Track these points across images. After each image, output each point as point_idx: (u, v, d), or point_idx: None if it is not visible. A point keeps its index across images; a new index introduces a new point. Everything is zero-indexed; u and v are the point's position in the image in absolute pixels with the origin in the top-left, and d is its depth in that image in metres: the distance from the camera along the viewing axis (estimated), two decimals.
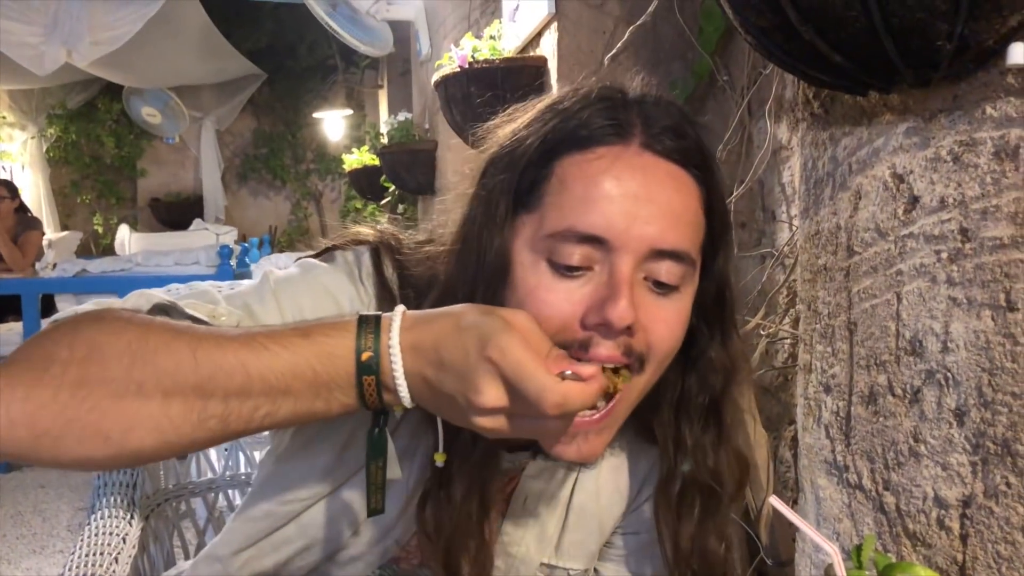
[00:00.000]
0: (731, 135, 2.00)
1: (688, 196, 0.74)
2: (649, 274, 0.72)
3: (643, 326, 0.70)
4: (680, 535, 0.83)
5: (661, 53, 2.35)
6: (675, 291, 0.73)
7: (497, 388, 0.60)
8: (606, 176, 0.71)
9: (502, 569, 0.90)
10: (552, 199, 0.72)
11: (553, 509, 0.90)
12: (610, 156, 0.72)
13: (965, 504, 0.87)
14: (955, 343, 0.87)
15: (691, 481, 0.82)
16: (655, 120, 0.74)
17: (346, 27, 4.99)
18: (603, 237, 0.69)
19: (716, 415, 0.81)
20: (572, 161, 0.73)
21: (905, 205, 0.93)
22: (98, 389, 0.59)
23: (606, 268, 0.70)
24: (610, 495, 0.92)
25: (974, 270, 0.85)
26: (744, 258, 1.99)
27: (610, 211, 0.70)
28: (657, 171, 0.73)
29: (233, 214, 8.34)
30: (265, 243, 6.66)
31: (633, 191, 0.70)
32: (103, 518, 1.21)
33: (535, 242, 0.72)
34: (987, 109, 0.82)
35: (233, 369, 0.61)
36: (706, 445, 0.81)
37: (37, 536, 3.25)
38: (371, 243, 0.84)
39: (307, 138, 8.43)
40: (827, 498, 1.08)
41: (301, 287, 0.79)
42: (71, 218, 8.08)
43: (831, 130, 1.04)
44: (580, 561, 0.92)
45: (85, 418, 0.59)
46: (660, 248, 0.71)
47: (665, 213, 0.71)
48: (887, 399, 0.96)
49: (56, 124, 7.76)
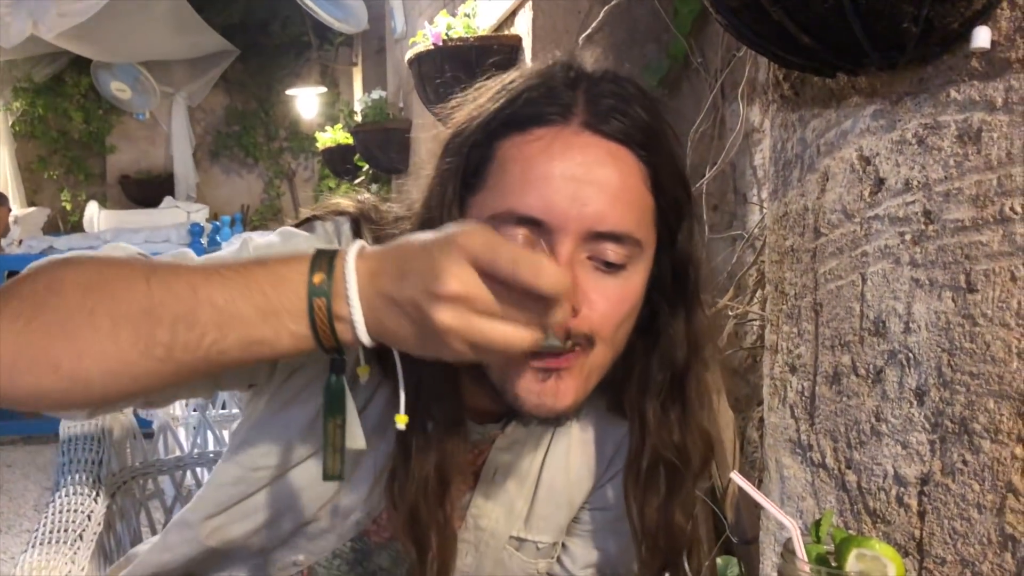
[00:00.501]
0: (704, 117, 2.01)
1: (630, 176, 0.73)
2: (593, 253, 0.72)
3: (587, 304, 0.70)
4: (647, 510, 0.84)
5: (636, 34, 2.35)
6: (621, 270, 0.73)
7: (462, 270, 0.56)
8: (543, 157, 0.71)
9: (471, 543, 0.91)
10: (494, 181, 0.73)
11: (522, 483, 0.90)
12: (548, 137, 0.72)
13: (923, 482, 0.89)
14: (917, 324, 0.88)
15: (658, 457, 0.83)
16: (599, 99, 0.74)
17: (320, 3, 4.93)
18: (541, 219, 0.70)
19: (680, 391, 0.82)
20: (512, 143, 0.73)
21: (871, 187, 0.94)
22: (51, 316, 0.59)
23: (546, 248, 0.70)
24: (579, 470, 0.93)
25: (936, 252, 0.86)
26: (716, 240, 2.01)
27: (547, 193, 0.70)
28: (597, 151, 0.72)
29: (204, 192, 8.23)
30: (237, 222, 6.61)
31: (571, 172, 0.70)
32: (68, 495, 1.20)
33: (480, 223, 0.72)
34: (951, 92, 0.83)
35: (182, 294, 0.59)
36: (671, 421, 0.82)
37: (4, 515, 3.22)
38: (351, 214, 0.84)
39: (280, 116, 8.33)
40: (791, 476, 1.09)
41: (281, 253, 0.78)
42: (38, 194, 7.93)
43: (800, 112, 1.05)
44: (549, 534, 0.93)
45: (37, 343, 0.59)
46: (599, 230, 0.71)
47: (603, 193, 0.71)
48: (851, 379, 0.98)
49: (22, 98, 7.59)
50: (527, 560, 0.93)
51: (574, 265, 0.70)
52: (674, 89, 2.24)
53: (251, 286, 0.60)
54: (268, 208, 8.31)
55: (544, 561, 0.94)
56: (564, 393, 0.73)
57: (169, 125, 8.10)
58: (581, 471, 0.93)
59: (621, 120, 0.73)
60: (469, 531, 0.90)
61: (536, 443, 0.90)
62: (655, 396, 0.81)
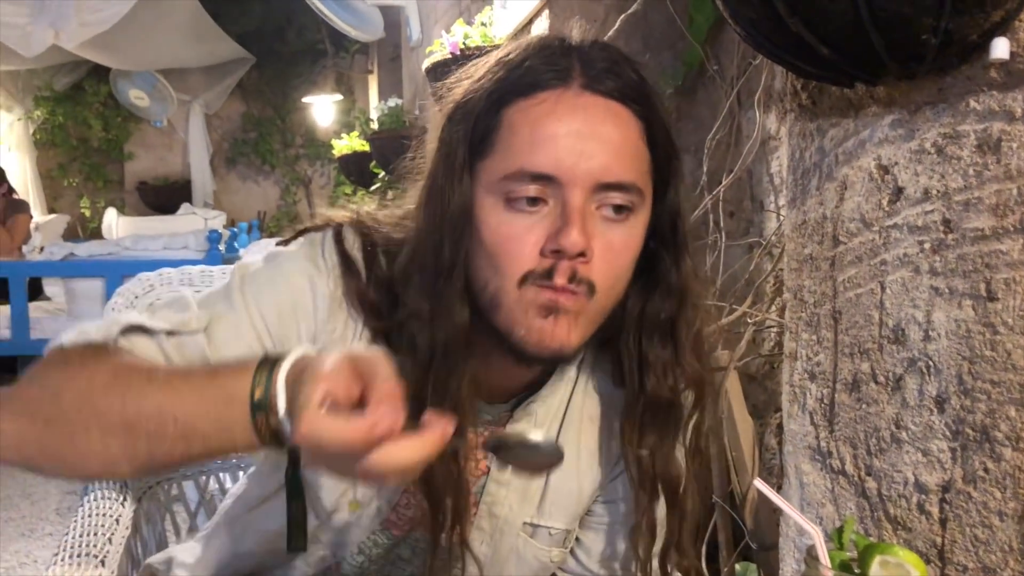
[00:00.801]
0: (720, 125, 2.01)
1: (628, 130, 0.79)
2: (601, 203, 0.77)
3: (595, 253, 0.75)
4: (642, 454, 0.87)
5: (651, 42, 2.36)
6: (624, 220, 0.78)
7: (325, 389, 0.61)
8: (550, 118, 0.76)
9: (487, 531, 0.93)
10: (504, 144, 0.78)
11: None
12: (552, 99, 0.77)
13: (944, 489, 0.89)
14: (936, 332, 0.89)
15: (652, 400, 0.86)
16: (593, 62, 0.79)
17: (336, 11, 4.97)
18: (552, 175, 0.75)
19: (672, 335, 0.86)
20: (518, 107, 0.78)
21: (890, 196, 0.94)
22: (58, 428, 0.70)
23: (559, 202, 0.75)
24: (590, 457, 0.94)
25: (956, 260, 0.86)
26: (732, 247, 2.01)
27: (556, 150, 0.75)
28: (597, 109, 0.77)
29: (221, 199, 8.29)
30: (254, 228, 6.65)
31: (576, 129, 0.76)
32: (97, 499, 1.22)
33: (491, 185, 0.77)
34: (970, 102, 0.84)
35: (151, 412, 0.66)
36: (664, 364, 0.86)
37: (26, 519, 3.26)
38: (338, 223, 0.88)
39: (296, 123, 8.37)
40: (811, 483, 1.10)
41: (263, 281, 0.83)
42: (58, 201, 8.01)
43: (818, 121, 1.06)
44: (562, 520, 0.95)
45: (50, 447, 0.70)
46: (605, 181, 0.76)
47: (607, 147, 0.76)
48: (870, 386, 0.98)
49: (43, 106, 7.68)
50: (541, 547, 0.95)
51: (585, 216, 0.75)
52: (690, 96, 2.25)
53: (206, 403, 0.66)
54: (285, 214, 8.36)
55: (557, 550, 0.96)
56: (564, 333, 0.77)
57: (186, 132, 8.16)
58: (592, 459, 0.94)
59: (615, 80, 0.79)
60: (484, 519, 0.92)
61: (548, 426, 0.92)
62: (649, 339, 0.85)
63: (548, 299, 0.76)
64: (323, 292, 0.82)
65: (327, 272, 0.83)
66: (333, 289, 0.83)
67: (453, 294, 0.79)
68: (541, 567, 0.96)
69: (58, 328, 4.07)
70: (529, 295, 0.76)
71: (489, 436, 0.79)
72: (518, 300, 0.76)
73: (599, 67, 0.78)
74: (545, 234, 0.75)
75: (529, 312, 0.76)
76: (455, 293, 0.79)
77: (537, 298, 0.76)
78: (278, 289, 0.82)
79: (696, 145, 2.16)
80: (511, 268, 0.76)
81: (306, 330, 0.82)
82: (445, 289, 0.79)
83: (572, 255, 0.74)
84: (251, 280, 0.83)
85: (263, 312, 0.81)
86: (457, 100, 0.82)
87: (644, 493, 0.88)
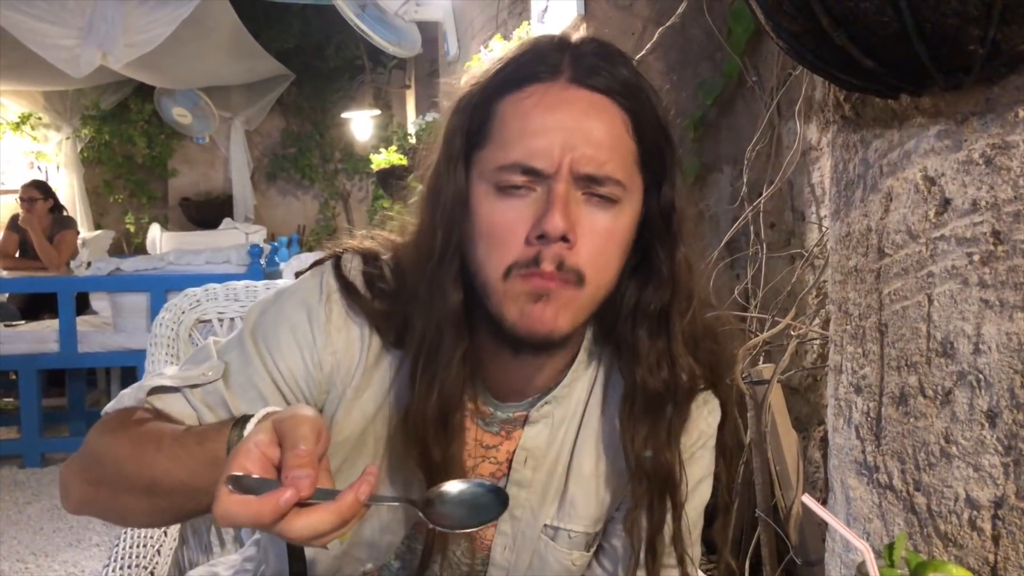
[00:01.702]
0: (760, 136, 2.00)
1: (613, 124, 0.81)
2: (585, 190, 0.80)
3: (579, 239, 0.79)
4: (637, 442, 0.89)
5: (690, 54, 2.35)
6: (609, 207, 0.81)
7: None
8: (537, 110, 0.80)
9: (508, 534, 0.94)
10: (497, 136, 0.82)
11: (554, 468, 0.94)
12: (540, 92, 0.81)
13: (997, 505, 0.87)
14: (987, 345, 0.87)
15: (648, 391, 0.88)
16: (583, 57, 0.82)
17: (374, 28, 5.03)
18: (538, 166, 0.79)
19: (666, 327, 0.87)
20: (509, 101, 0.82)
21: (936, 207, 0.93)
22: (106, 490, 0.83)
23: (545, 190, 0.79)
24: (609, 463, 0.95)
25: (1007, 272, 0.85)
26: (773, 258, 2.00)
27: (542, 142, 0.79)
28: (582, 102, 0.80)
29: (262, 213, 8.40)
30: (294, 242, 6.73)
31: (561, 122, 0.79)
32: None
33: (485, 174, 0.81)
34: (1020, 112, 0.83)
35: (162, 477, 0.77)
36: (658, 355, 0.88)
37: (74, 529, 3.32)
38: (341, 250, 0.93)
39: (335, 138, 8.47)
40: (857, 498, 1.08)
41: (268, 324, 0.89)
42: (104, 217, 8.18)
43: (862, 132, 1.05)
44: (581, 523, 0.95)
45: (107, 506, 0.85)
46: (587, 172, 0.79)
47: (591, 140, 0.79)
48: (918, 400, 0.97)
49: (90, 125, 7.86)
50: (562, 550, 0.95)
51: (570, 203, 0.78)
52: (729, 108, 2.24)
53: (199, 464, 0.75)
54: (324, 228, 8.45)
55: (578, 552, 0.96)
56: (552, 319, 0.80)
57: (228, 148, 8.30)
58: (612, 465, 0.95)
59: (603, 75, 0.82)
60: (505, 522, 0.94)
61: (566, 428, 0.94)
62: (643, 330, 0.88)
63: (536, 286, 0.79)
64: (319, 321, 0.87)
65: (323, 301, 0.88)
66: (329, 314, 0.87)
67: (447, 277, 0.83)
68: (565, 572, 0.96)
69: (105, 342, 4.18)
70: (515, 286, 0.79)
71: None
72: (505, 291, 0.80)
73: (588, 62, 0.82)
74: (531, 222, 0.79)
75: (520, 299, 0.80)
76: (449, 276, 0.83)
77: (525, 286, 0.79)
78: (279, 329, 0.88)
79: (736, 156, 2.15)
80: (497, 259, 0.80)
81: (309, 358, 0.87)
82: (439, 272, 0.83)
83: (555, 238, 0.77)
84: (259, 325, 0.89)
85: (271, 351, 0.87)
86: (459, 95, 0.87)
87: (638, 483, 0.90)
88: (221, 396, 0.85)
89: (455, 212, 0.83)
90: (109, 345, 4.21)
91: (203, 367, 0.88)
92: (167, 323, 1.38)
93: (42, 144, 7.80)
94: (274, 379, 0.86)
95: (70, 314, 4.14)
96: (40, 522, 3.40)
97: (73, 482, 0.86)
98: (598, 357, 0.94)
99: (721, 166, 2.30)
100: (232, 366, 0.87)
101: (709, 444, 0.97)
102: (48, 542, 3.20)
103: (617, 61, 0.83)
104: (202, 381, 0.86)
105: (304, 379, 0.87)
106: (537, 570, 0.95)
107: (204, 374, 0.87)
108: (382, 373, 0.89)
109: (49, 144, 7.82)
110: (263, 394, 0.86)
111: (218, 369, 0.87)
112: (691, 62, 2.36)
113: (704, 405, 0.95)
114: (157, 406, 0.86)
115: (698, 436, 0.95)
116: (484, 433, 0.93)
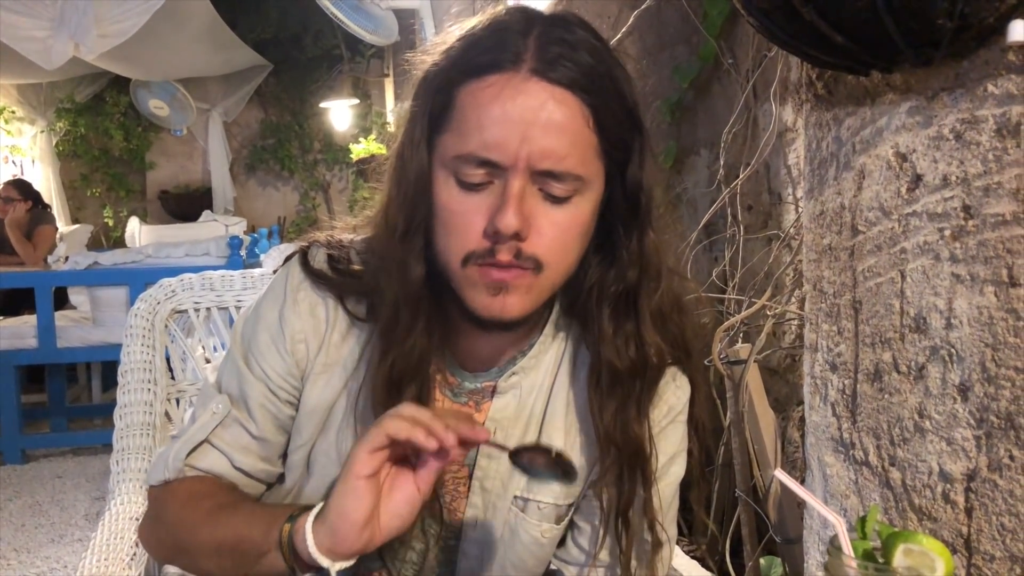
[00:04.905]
0: (736, 118, 2.01)
1: (573, 118, 0.80)
2: (541, 186, 0.80)
3: (536, 232, 0.80)
4: (605, 416, 0.90)
5: (666, 37, 2.35)
6: (567, 201, 0.81)
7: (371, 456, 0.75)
8: (495, 102, 0.79)
9: (479, 506, 0.95)
10: (456, 124, 0.81)
11: (522, 441, 0.93)
12: (500, 83, 0.79)
13: (970, 478, 0.88)
14: (958, 319, 0.88)
15: (614, 368, 0.89)
16: (548, 46, 0.80)
17: (351, 16, 4.99)
18: (494, 160, 0.78)
19: (634, 307, 0.88)
20: (469, 89, 0.81)
21: (908, 184, 0.94)
22: (185, 555, 0.92)
23: (501, 183, 0.79)
24: (579, 434, 0.95)
25: (977, 247, 0.86)
26: (751, 240, 2.00)
27: (499, 135, 0.78)
28: (542, 96, 0.79)
29: (242, 205, 8.33)
30: (274, 233, 6.69)
31: (518, 115, 0.78)
32: (123, 504, 1.23)
33: (446, 161, 0.82)
34: (988, 87, 0.83)
35: (229, 543, 0.84)
36: (626, 334, 0.89)
37: (55, 525, 3.30)
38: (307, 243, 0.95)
39: (314, 128, 8.40)
40: (834, 475, 1.09)
41: (250, 335, 0.94)
42: (81, 211, 8.09)
43: (834, 111, 1.05)
44: (551, 495, 0.95)
45: (189, 566, 0.93)
46: (542, 168, 0.79)
47: (548, 135, 0.78)
48: (892, 376, 0.98)
49: (65, 118, 7.75)
50: (531, 522, 0.95)
51: (525, 197, 0.79)
52: (705, 90, 2.24)
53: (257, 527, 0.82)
54: (304, 219, 8.39)
55: (548, 525, 0.96)
56: (512, 306, 0.82)
57: (206, 140, 8.22)
58: (582, 434, 0.95)
59: (566, 66, 0.80)
60: (476, 494, 0.94)
61: (535, 398, 0.94)
62: (608, 308, 0.89)
63: (495, 279, 0.80)
64: (287, 313, 0.91)
65: (291, 292, 0.92)
66: (296, 304, 0.91)
67: (410, 252, 0.84)
68: (535, 544, 0.96)
69: (84, 336, 4.15)
70: (473, 275, 0.81)
71: None
72: (464, 277, 0.82)
73: (552, 52, 0.80)
74: (488, 215, 0.79)
75: (478, 287, 0.81)
76: (412, 252, 0.84)
77: (483, 278, 0.80)
78: (259, 334, 0.93)
79: (713, 139, 2.15)
80: (456, 247, 0.81)
81: (283, 350, 0.91)
82: (403, 247, 0.84)
83: (507, 235, 0.78)
84: (243, 336, 0.95)
85: (256, 359, 0.92)
86: (421, 74, 0.86)
87: (607, 454, 0.91)
88: (239, 424, 0.93)
89: (418, 192, 0.83)
90: (88, 340, 4.18)
91: (210, 406, 0.94)
92: (142, 314, 1.37)
93: (16, 138, 7.69)
94: (267, 385, 0.92)
95: (48, 309, 4.10)
96: (21, 518, 3.37)
97: (151, 538, 0.98)
98: (566, 330, 0.95)
99: (698, 149, 2.30)
100: (232, 393, 0.94)
101: (680, 419, 0.97)
102: (30, 538, 3.18)
103: (582, 47, 0.81)
104: (215, 422, 0.93)
105: (285, 372, 0.91)
106: (508, 543, 0.95)
107: (214, 413, 0.93)
108: (351, 346, 0.91)
109: (24, 138, 7.72)
110: (262, 404, 0.92)
111: (222, 402, 0.93)
112: (667, 45, 2.36)
113: (672, 380, 0.95)
114: (197, 466, 0.93)
115: (668, 411, 0.95)
116: (453, 404, 0.93)
